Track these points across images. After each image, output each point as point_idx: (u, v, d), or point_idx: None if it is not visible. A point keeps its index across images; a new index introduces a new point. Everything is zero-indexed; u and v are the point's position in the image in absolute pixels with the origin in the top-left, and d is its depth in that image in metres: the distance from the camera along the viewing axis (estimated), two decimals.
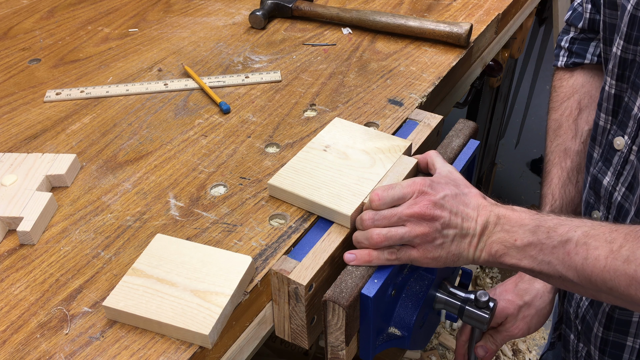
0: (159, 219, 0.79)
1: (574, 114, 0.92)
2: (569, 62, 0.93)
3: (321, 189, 0.78)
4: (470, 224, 0.70)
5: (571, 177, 0.92)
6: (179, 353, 0.64)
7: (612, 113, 0.76)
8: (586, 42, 0.92)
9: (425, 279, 0.80)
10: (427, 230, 0.69)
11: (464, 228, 0.70)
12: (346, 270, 0.72)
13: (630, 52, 0.71)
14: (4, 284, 0.72)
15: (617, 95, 0.74)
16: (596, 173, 0.78)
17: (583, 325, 0.86)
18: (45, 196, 0.80)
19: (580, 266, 0.64)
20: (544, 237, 0.67)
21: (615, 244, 0.63)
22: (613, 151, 0.75)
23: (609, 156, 0.76)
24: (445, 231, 0.70)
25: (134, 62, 1.12)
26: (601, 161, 0.77)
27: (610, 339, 0.81)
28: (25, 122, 0.98)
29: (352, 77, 1.06)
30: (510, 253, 0.69)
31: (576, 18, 0.92)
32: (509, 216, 0.70)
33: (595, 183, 0.78)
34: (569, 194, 0.92)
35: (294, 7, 1.23)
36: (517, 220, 0.69)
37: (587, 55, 0.92)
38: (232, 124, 0.96)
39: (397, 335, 0.80)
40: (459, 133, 0.90)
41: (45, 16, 1.28)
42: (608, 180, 0.76)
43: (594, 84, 0.92)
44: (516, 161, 2.62)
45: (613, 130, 0.74)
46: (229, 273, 0.68)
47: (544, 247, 0.67)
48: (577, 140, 0.91)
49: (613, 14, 0.77)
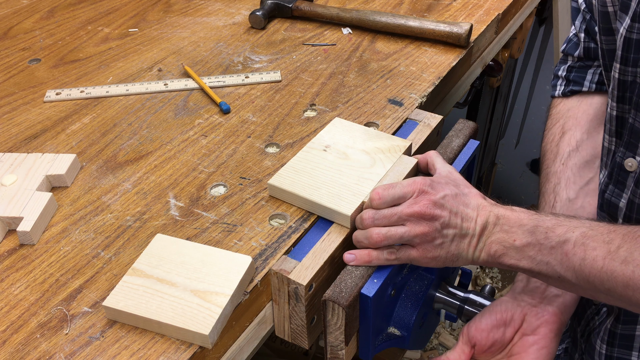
0: (159, 219, 0.79)
1: (557, 138, 0.93)
2: (566, 91, 0.93)
3: (321, 189, 0.78)
4: (470, 224, 0.70)
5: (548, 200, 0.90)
6: (179, 353, 0.64)
7: (616, 134, 0.76)
8: (584, 69, 0.92)
9: (425, 279, 0.80)
10: (427, 230, 0.69)
11: (463, 228, 0.70)
12: (346, 270, 0.72)
13: (629, 75, 0.71)
14: (4, 284, 0.72)
15: (619, 117, 0.74)
16: (609, 197, 0.77)
17: (587, 345, 0.85)
18: (45, 196, 0.80)
19: (578, 267, 0.64)
20: (542, 238, 0.67)
21: (613, 245, 0.62)
22: (625, 173, 0.74)
23: (620, 178, 0.75)
24: (445, 231, 0.70)
25: (134, 62, 1.12)
26: (612, 184, 0.77)
27: (614, 355, 0.80)
28: (25, 122, 0.98)
29: (352, 77, 1.06)
30: (509, 253, 0.69)
31: (572, 48, 0.92)
32: (508, 216, 0.70)
33: (609, 207, 0.78)
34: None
35: (294, 7, 1.23)
36: (516, 220, 0.69)
37: (585, 82, 0.91)
38: (232, 124, 0.96)
39: (397, 335, 0.80)
40: (458, 133, 0.90)
41: (45, 16, 1.28)
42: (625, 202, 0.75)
43: (581, 107, 0.93)
44: (516, 161, 2.62)
45: (620, 152, 0.74)
46: (229, 273, 0.68)
47: (542, 247, 0.67)
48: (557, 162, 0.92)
49: (609, 39, 0.77)
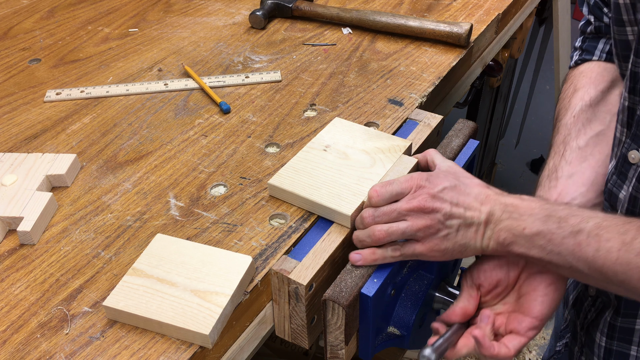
0: (159, 218, 0.79)
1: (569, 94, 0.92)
2: (578, 60, 0.94)
3: (321, 188, 0.78)
4: (474, 213, 0.70)
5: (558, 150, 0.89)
6: (179, 353, 0.64)
7: (627, 125, 0.76)
8: (596, 39, 0.92)
9: (425, 279, 0.80)
10: (429, 223, 0.69)
11: (467, 217, 0.70)
12: (346, 270, 0.72)
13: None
14: (4, 284, 0.72)
15: (630, 108, 0.74)
16: (611, 187, 0.77)
17: (587, 337, 0.85)
18: (45, 196, 0.80)
19: (591, 258, 0.64)
20: (554, 227, 0.66)
21: (628, 236, 0.62)
22: (628, 165, 0.74)
23: (623, 170, 0.75)
24: (448, 222, 0.70)
25: (134, 62, 1.12)
26: (616, 174, 0.77)
27: (613, 348, 0.80)
28: (25, 122, 0.98)
29: (352, 77, 1.06)
30: (518, 241, 0.68)
31: (584, 25, 0.94)
32: (517, 204, 0.69)
33: (610, 196, 0.78)
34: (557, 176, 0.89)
35: (294, 7, 1.23)
36: (526, 209, 0.69)
37: (595, 51, 0.92)
38: (232, 124, 0.96)
39: (397, 335, 0.80)
40: (458, 133, 0.90)
41: (45, 16, 1.28)
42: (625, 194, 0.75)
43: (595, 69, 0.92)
44: (516, 161, 2.62)
45: (627, 144, 0.74)
46: (229, 273, 0.68)
47: (554, 237, 0.66)
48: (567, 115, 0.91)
49: (621, 30, 0.77)
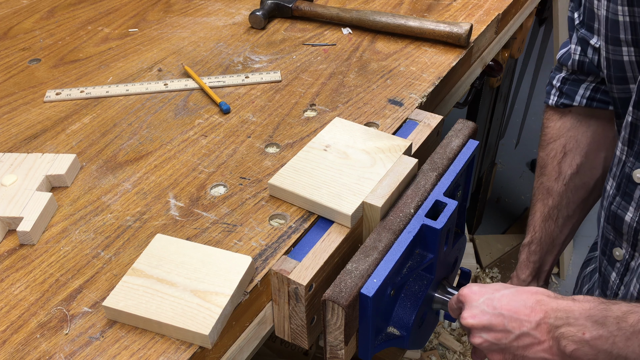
0: (159, 219, 0.79)
1: (559, 156, 0.95)
2: (558, 103, 0.94)
3: (321, 188, 0.78)
4: (524, 325, 0.69)
5: (552, 215, 0.97)
6: (179, 353, 0.64)
7: (628, 143, 0.74)
8: (577, 83, 0.92)
9: (424, 279, 0.80)
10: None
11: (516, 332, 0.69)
12: (345, 270, 0.72)
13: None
14: (4, 284, 0.72)
15: (634, 124, 0.72)
16: (615, 209, 0.75)
17: None
18: (45, 196, 0.80)
19: None
20: (614, 329, 0.64)
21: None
22: (633, 185, 0.72)
23: (628, 190, 0.73)
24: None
25: (134, 62, 1.12)
26: (619, 196, 0.75)
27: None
28: (25, 122, 0.98)
29: (352, 77, 1.06)
30: (582, 349, 0.66)
31: (566, 58, 0.92)
32: (570, 308, 0.67)
33: (615, 220, 0.76)
34: (548, 228, 0.98)
35: (294, 7, 1.23)
36: (582, 311, 0.66)
37: (576, 97, 0.92)
38: (232, 124, 0.96)
39: (396, 335, 0.80)
40: (458, 133, 0.90)
41: (45, 16, 1.28)
42: (631, 216, 0.73)
43: (580, 128, 0.94)
44: (516, 161, 2.62)
45: (630, 162, 0.72)
46: (229, 273, 0.68)
47: (616, 339, 0.64)
48: (559, 182, 0.95)
49: (617, 50, 0.75)
